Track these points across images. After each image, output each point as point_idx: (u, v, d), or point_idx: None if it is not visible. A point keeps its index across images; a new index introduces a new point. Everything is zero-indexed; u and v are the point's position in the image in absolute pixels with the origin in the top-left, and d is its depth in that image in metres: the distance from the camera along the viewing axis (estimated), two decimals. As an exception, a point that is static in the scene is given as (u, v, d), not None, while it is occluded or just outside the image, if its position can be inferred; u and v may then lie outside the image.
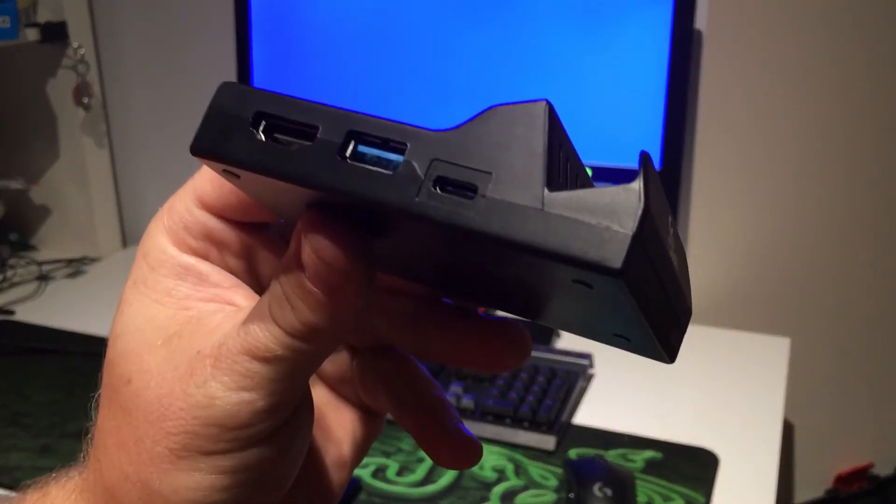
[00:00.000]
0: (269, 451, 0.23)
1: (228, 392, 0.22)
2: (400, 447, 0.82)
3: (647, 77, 0.94)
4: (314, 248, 0.21)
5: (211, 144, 0.21)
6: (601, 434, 0.84)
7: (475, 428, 0.84)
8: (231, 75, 1.15)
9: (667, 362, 0.23)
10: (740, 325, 1.10)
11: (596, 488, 0.71)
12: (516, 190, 0.19)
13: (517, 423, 0.83)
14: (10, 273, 1.27)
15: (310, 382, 0.25)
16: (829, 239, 1.05)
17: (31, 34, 1.21)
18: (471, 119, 0.21)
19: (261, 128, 0.21)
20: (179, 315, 0.24)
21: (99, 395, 0.25)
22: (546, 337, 1.03)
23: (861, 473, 1.10)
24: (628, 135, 0.96)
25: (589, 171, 1.04)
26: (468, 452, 0.27)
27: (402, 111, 1.03)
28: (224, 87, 0.22)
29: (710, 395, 0.92)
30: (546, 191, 0.19)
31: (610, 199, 0.19)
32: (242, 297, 0.25)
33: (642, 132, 0.96)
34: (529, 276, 0.21)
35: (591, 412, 0.89)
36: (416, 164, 0.20)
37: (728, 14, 1.01)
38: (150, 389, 0.22)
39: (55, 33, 1.24)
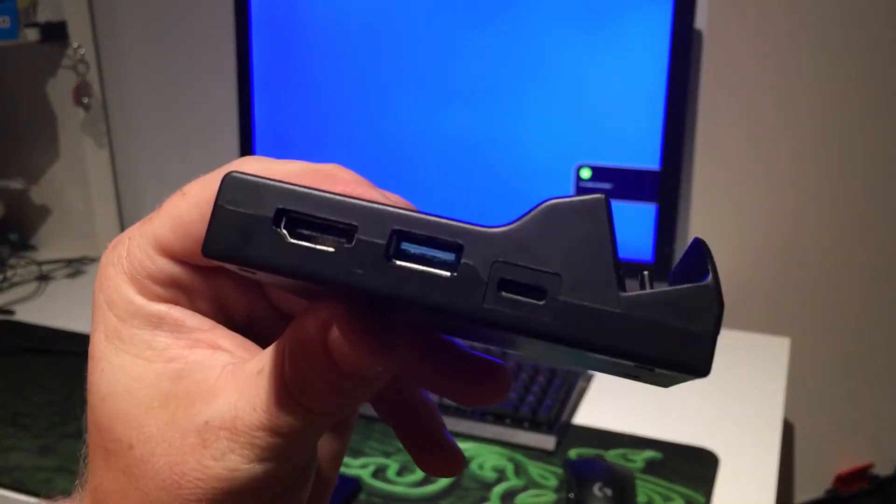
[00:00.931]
0: (286, 499, 0.23)
1: (250, 464, 0.22)
2: (400, 447, 0.82)
3: (647, 77, 0.94)
4: (349, 340, 0.20)
5: (230, 247, 0.20)
6: (601, 434, 0.84)
7: (475, 428, 0.84)
8: (231, 75, 1.15)
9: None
10: (740, 325, 1.10)
11: (596, 488, 0.71)
12: (590, 292, 0.19)
13: (517, 423, 0.83)
14: (10, 273, 1.27)
15: None
16: (829, 239, 1.05)
17: (31, 34, 1.21)
18: (525, 215, 0.20)
19: (283, 225, 0.20)
20: (167, 370, 0.23)
21: (86, 451, 0.24)
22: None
23: (861, 473, 1.10)
24: (628, 135, 0.96)
25: (589, 173, 1.04)
26: (452, 463, 0.27)
27: (402, 111, 1.03)
28: (230, 180, 0.20)
29: (710, 395, 0.92)
30: (620, 292, 0.19)
31: (689, 299, 0.19)
32: (224, 339, 0.24)
33: (642, 132, 0.96)
34: (581, 358, 0.21)
35: (591, 412, 0.89)
36: (476, 266, 0.19)
37: (728, 14, 1.01)
38: (159, 457, 0.22)
39: (55, 33, 1.25)
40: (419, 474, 0.78)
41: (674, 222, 0.98)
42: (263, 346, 0.23)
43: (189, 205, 0.23)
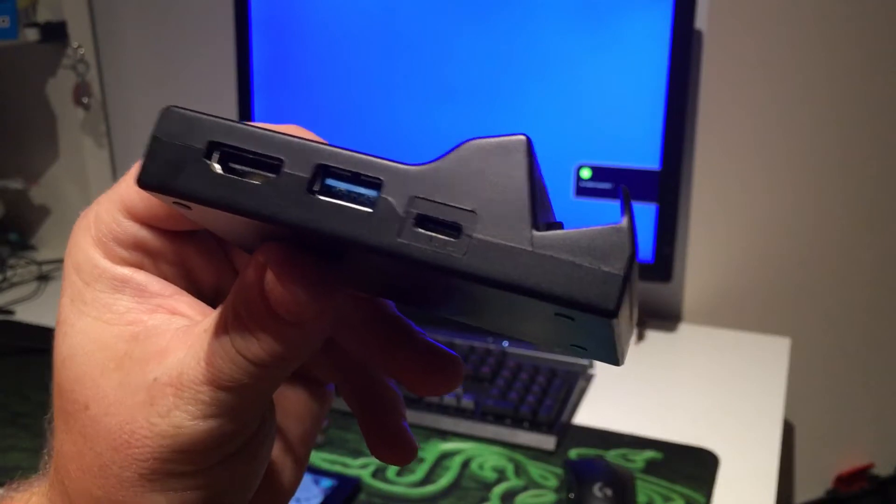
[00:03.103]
0: (238, 463, 0.23)
1: (195, 421, 0.22)
2: (400, 447, 0.82)
3: (647, 77, 0.94)
4: (282, 282, 0.20)
5: (162, 178, 0.20)
6: (601, 434, 0.84)
7: (475, 428, 0.84)
8: (231, 75, 1.15)
9: (617, 365, 0.23)
10: (740, 325, 1.10)
11: (596, 488, 0.71)
12: (504, 230, 0.19)
13: (517, 423, 0.83)
14: (9, 273, 1.27)
15: None
16: (830, 239, 1.05)
17: (31, 34, 1.21)
18: (447, 153, 0.20)
19: (214, 158, 0.20)
20: (125, 332, 0.23)
21: (52, 415, 0.24)
22: (546, 337, 1.03)
23: (861, 474, 1.10)
24: (628, 135, 0.96)
25: (589, 173, 1.04)
26: (403, 454, 0.27)
27: (402, 111, 1.03)
28: (168, 113, 0.21)
29: (710, 395, 0.92)
30: (534, 231, 0.19)
31: (600, 239, 0.19)
32: (186, 305, 0.24)
33: (642, 132, 0.96)
34: (503, 304, 0.21)
35: (591, 412, 0.89)
36: (394, 202, 0.19)
37: (728, 14, 1.01)
38: (111, 416, 0.22)
39: (55, 33, 1.24)
40: (419, 474, 0.78)
41: (674, 222, 0.98)
42: None
43: None
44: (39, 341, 1.05)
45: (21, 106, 1.34)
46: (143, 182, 0.20)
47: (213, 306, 0.25)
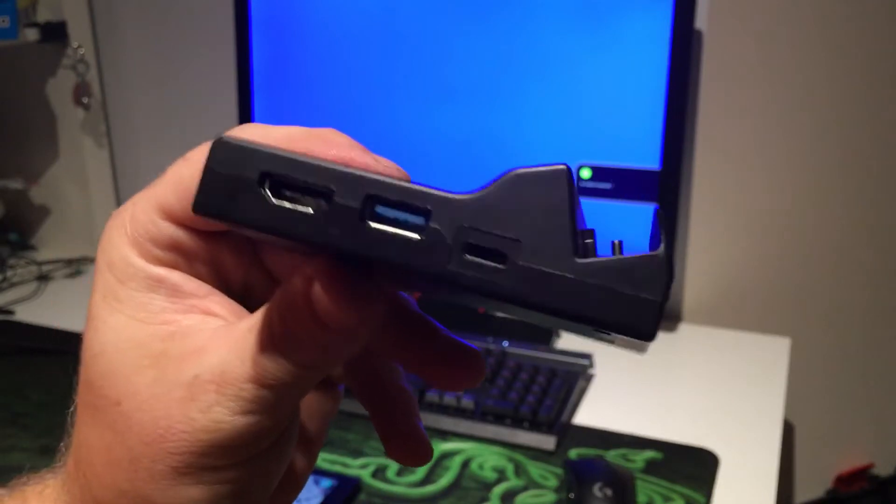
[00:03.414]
0: (268, 459, 0.24)
1: (234, 416, 0.22)
2: (400, 447, 0.82)
3: (647, 77, 0.94)
4: (329, 294, 0.21)
5: (218, 207, 0.21)
6: (601, 434, 0.84)
7: (475, 428, 0.84)
8: (231, 75, 1.15)
9: (642, 353, 0.25)
10: (740, 325, 1.10)
11: (596, 488, 0.71)
12: (548, 257, 0.20)
13: (517, 423, 0.83)
14: (9, 273, 1.27)
15: None
16: (829, 239, 1.05)
17: (31, 34, 1.21)
18: (492, 182, 0.21)
19: (267, 186, 0.21)
20: (160, 331, 0.23)
21: (74, 409, 0.25)
22: (546, 337, 1.03)
23: (861, 474, 1.10)
24: (628, 135, 0.96)
25: (589, 173, 1.04)
26: (419, 454, 0.28)
27: (402, 111, 1.03)
28: (219, 146, 0.22)
29: (710, 395, 0.92)
30: (576, 259, 0.20)
31: (639, 268, 0.20)
32: (219, 306, 0.24)
33: (642, 132, 0.96)
34: (543, 318, 0.22)
35: (591, 412, 0.89)
36: (442, 230, 0.21)
37: (728, 14, 1.01)
38: (144, 412, 0.23)
39: (55, 33, 1.24)
40: (419, 474, 0.78)
41: (674, 222, 0.98)
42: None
43: (192, 169, 0.23)
44: (39, 341, 1.05)
45: (21, 106, 1.34)
46: (198, 208, 0.21)
47: (242, 301, 0.26)
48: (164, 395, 0.22)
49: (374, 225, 0.21)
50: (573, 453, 0.81)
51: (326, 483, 0.74)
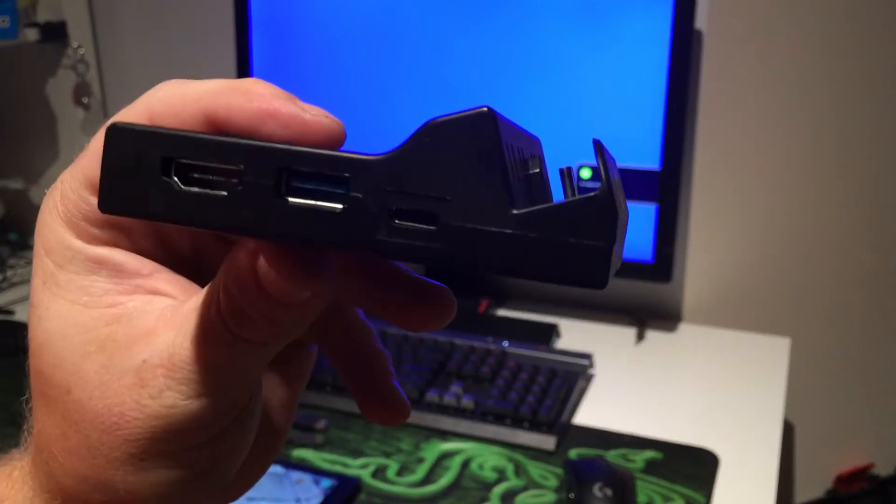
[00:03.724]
0: (227, 439, 0.23)
1: (188, 400, 0.22)
2: (400, 447, 0.82)
3: (647, 77, 0.94)
4: (275, 267, 0.20)
5: (124, 203, 0.20)
6: (601, 434, 0.84)
7: (475, 428, 0.84)
8: (231, 75, 1.14)
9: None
10: (740, 325, 1.10)
11: (596, 488, 0.71)
12: (481, 214, 0.18)
13: (517, 423, 0.83)
14: (10, 273, 1.27)
15: None
16: (829, 239, 1.05)
17: (31, 34, 1.21)
18: (409, 138, 0.19)
19: (172, 172, 0.19)
20: (105, 315, 0.22)
21: (29, 397, 0.25)
22: (546, 337, 1.03)
23: (861, 474, 1.10)
24: (628, 135, 0.96)
25: (589, 173, 1.03)
26: (395, 413, 0.27)
27: (402, 111, 1.03)
28: (113, 132, 0.20)
29: (710, 395, 0.92)
30: (512, 210, 0.18)
31: (580, 213, 0.18)
32: (166, 283, 0.23)
33: (642, 132, 0.96)
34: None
35: (591, 412, 0.89)
36: (363, 197, 0.19)
37: (728, 14, 1.01)
38: (97, 399, 0.22)
39: (55, 33, 1.24)
40: (419, 474, 0.78)
41: (674, 222, 0.98)
42: (211, 275, 0.22)
43: None
44: (39, 341, 1.05)
45: (21, 106, 1.34)
46: (105, 208, 0.20)
47: (194, 268, 0.24)
48: (114, 382, 0.22)
49: (292, 200, 0.19)
50: (573, 453, 0.81)
51: (326, 483, 0.74)
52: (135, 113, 0.22)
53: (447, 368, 0.92)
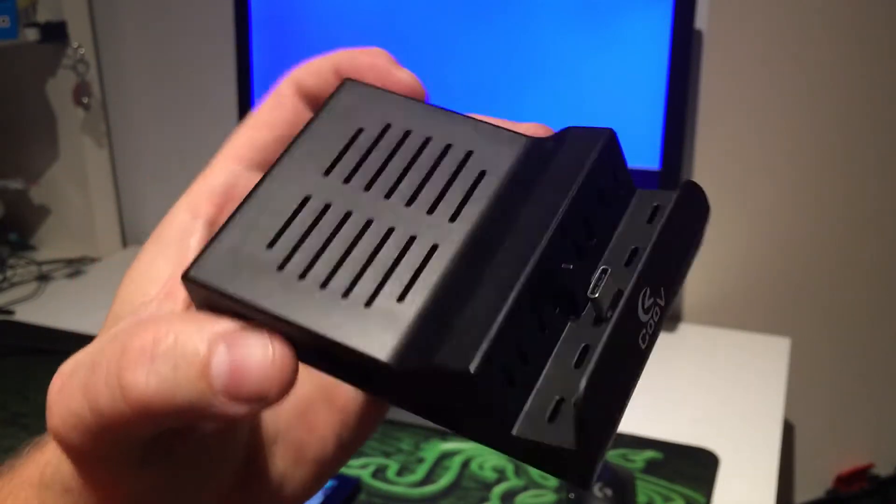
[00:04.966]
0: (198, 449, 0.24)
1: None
2: (400, 447, 0.82)
3: (647, 77, 0.94)
4: (244, 374, 0.19)
5: None
6: (601, 434, 0.84)
7: (475, 428, 0.84)
8: (231, 75, 1.14)
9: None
10: (740, 325, 1.10)
11: (596, 488, 0.71)
12: (483, 432, 0.21)
13: (517, 423, 0.83)
14: (9, 273, 1.27)
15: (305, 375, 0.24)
16: (830, 239, 1.05)
17: (31, 34, 1.21)
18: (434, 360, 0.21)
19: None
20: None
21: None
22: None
23: (861, 474, 1.10)
24: (628, 135, 0.96)
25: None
26: None
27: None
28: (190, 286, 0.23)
29: (710, 395, 0.92)
30: (511, 433, 0.20)
31: (560, 457, 0.19)
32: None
33: (642, 132, 0.96)
34: None
35: (591, 412, 0.89)
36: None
37: (728, 14, 1.01)
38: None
39: (55, 33, 1.24)
40: (419, 474, 0.78)
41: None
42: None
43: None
44: (39, 341, 1.05)
45: (21, 106, 1.34)
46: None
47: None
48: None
49: None
50: (573, 453, 0.81)
51: (326, 483, 0.74)
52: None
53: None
